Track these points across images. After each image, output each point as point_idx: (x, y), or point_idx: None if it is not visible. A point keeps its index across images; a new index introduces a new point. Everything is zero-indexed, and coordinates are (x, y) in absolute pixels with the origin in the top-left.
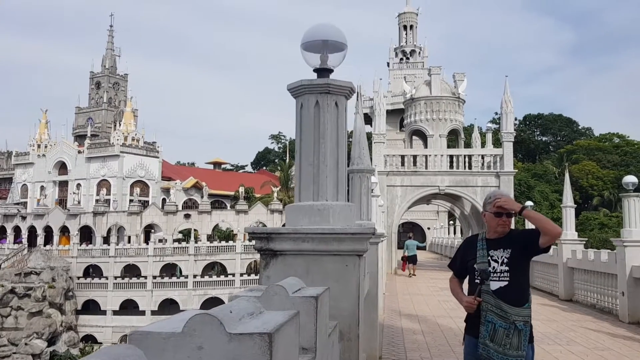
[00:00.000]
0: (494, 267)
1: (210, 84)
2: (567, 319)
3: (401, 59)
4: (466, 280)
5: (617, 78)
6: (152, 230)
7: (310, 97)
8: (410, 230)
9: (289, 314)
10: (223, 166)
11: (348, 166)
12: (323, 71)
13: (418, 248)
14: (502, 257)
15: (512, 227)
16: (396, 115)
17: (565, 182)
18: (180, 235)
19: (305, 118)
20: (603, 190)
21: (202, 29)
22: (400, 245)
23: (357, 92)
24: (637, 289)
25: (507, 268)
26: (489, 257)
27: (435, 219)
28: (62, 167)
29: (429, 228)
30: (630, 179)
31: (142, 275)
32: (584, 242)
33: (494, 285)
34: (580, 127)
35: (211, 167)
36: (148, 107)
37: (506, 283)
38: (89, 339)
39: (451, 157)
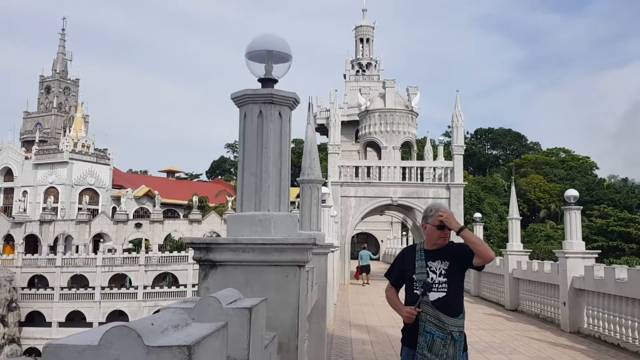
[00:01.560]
0: (432, 278)
1: (166, 91)
2: (511, 328)
3: (357, 71)
4: (402, 290)
5: (564, 95)
6: (102, 240)
7: (253, 106)
8: (365, 241)
9: (215, 325)
10: (177, 175)
11: (298, 176)
12: (267, 81)
13: (371, 259)
14: (440, 268)
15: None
16: (352, 127)
17: (511, 195)
18: (130, 245)
19: (248, 128)
20: (549, 203)
21: (157, 35)
22: (355, 256)
23: (309, 103)
24: (577, 299)
25: (445, 280)
26: (427, 268)
27: (389, 230)
28: (7, 174)
29: (382, 241)
30: (571, 192)
31: (89, 285)
32: (529, 253)
33: (433, 296)
34: (528, 142)
35: (164, 175)
36: (100, 113)
37: (444, 294)
38: (33, 352)
39: (404, 168)
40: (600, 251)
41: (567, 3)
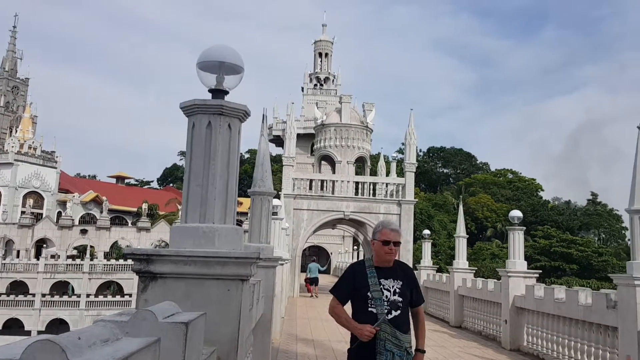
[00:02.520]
0: (386, 296)
1: (119, 95)
2: (455, 345)
3: (315, 85)
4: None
5: (513, 118)
6: (45, 245)
7: (202, 117)
8: (316, 254)
9: (147, 341)
10: (127, 181)
11: (249, 188)
12: (218, 92)
13: (319, 271)
14: (393, 287)
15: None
16: (308, 140)
17: (459, 214)
18: (75, 252)
19: (196, 138)
20: (496, 222)
21: (111, 39)
22: (305, 269)
23: (264, 115)
24: (518, 318)
25: (400, 298)
26: (381, 286)
27: (341, 244)
28: None
29: (331, 253)
30: (515, 213)
31: (30, 292)
32: (474, 271)
33: (390, 314)
34: (478, 162)
35: (114, 181)
36: (49, 114)
37: (399, 312)
38: None
39: (357, 183)
40: (541, 271)
41: (518, 30)
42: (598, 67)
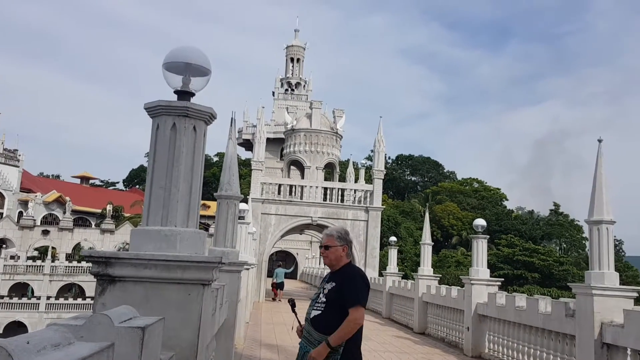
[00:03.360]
0: (319, 297)
1: (87, 94)
2: (417, 351)
3: (286, 89)
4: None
5: (480, 128)
6: (4, 246)
7: (167, 118)
8: (284, 259)
9: (99, 345)
10: (92, 182)
11: (208, 191)
12: (184, 94)
13: (285, 275)
14: (327, 289)
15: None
16: (278, 144)
17: (425, 221)
18: (36, 253)
19: (160, 140)
20: (462, 230)
21: (80, 36)
22: (272, 274)
23: (232, 118)
24: (480, 325)
25: (325, 300)
26: (323, 288)
27: (308, 249)
28: None
29: (297, 254)
30: (479, 222)
31: None
32: (439, 278)
33: (312, 313)
34: (445, 171)
35: (78, 181)
36: (13, 112)
37: (320, 312)
38: None
39: (326, 189)
40: (503, 279)
41: (487, 42)
42: (562, 80)
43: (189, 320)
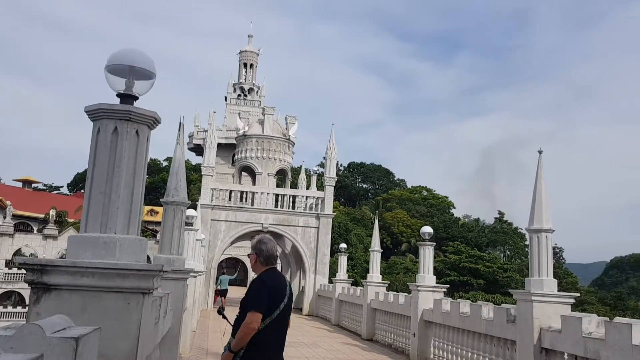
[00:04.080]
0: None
1: (31, 96)
2: (365, 358)
3: (239, 95)
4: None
5: (430, 138)
6: None
7: (108, 122)
8: (233, 266)
9: (28, 357)
10: (34, 185)
11: (158, 197)
12: (127, 97)
13: (230, 281)
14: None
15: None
16: (229, 150)
17: (374, 228)
18: None
19: (101, 144)
20: (411, 237)
21: (27, 38)
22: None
23: (180, 122)
24: (426, 331)
25: (240, 305)
26: None
27: None
28: None
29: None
30: (426, 229)
31: None
32: (387, 285)
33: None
34: (396, 178)
35: (20, 185)
36: None
37: (236, 317)
38: None
39: (277, 196)
40: (449, 285)
41: (438, 54)
42: (507, 92)
43: (128, 330)
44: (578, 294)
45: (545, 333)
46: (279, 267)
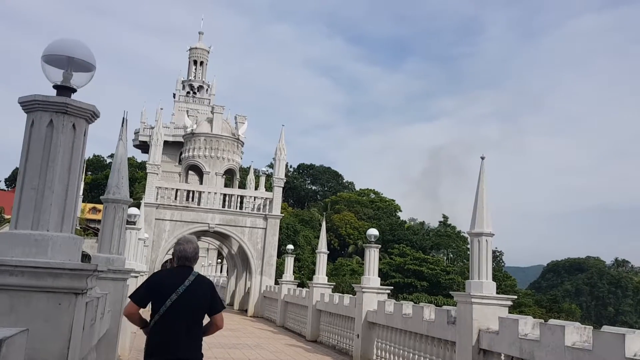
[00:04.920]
0: None
1: None
2: (308, 359)
3: (188, 92)
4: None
5: (378, 141)
6: None
7: (43, 114)
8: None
9: None
10: None
11: (101, 194)
12: (64, 89)
13: None
14: None
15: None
16: (177, 148)
17: (322, 230)
18: None
19: (35, 137)
20: (358, 239)
21: None
22: None
23: (124, 118)
24: (369, 332)
25: None
26: None
27: (205, 257)
28: None
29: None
30: (372, 231)
31: None
32: (333, 286)
33: None
34: (344, 181)
35: None
36: None
37: None
38: None
39: (225, 195)
40: (393, 287)
41: (386, 58)
42: (454, 99)
43: (59, 332)
44: (515, 297)
45: (484, 334)
46: (225, 268)
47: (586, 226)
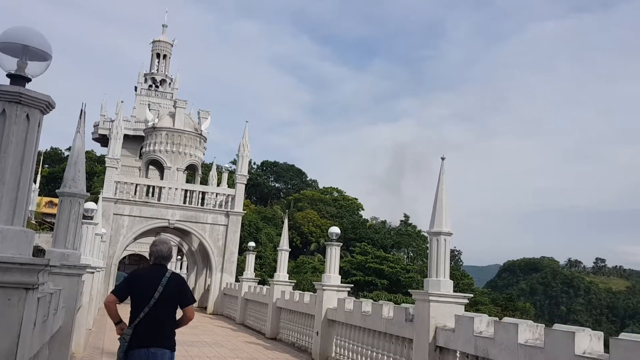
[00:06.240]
0: None
1: None
2: (267, 357)
3: (150, 86)
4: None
5: (342, 140)
6: None
7: None
8: (137, 263)
9: None
10: None
11: (59, 188)
12: (18, 78)
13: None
14: None
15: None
16: (138, 142)
17: (284, 228)
18: None
19: None
20: (320, 237)
21: None
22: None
23: (82, 110)
24: (329, 329)
25: None
26: None
27: None
28: None
29: None
30: (334, 229)
31: None
32: (294, 284)
33: None
34: (308, 179)
35: None
36: None
37: None
38: None
39: (186, 191)
40: (353, 285)
41: (353, 58)
42: (417, 100)
43: (8, 328)
44: (472, 295)
45: (440, 332)
46: (184, 266)
47: (543, 227)
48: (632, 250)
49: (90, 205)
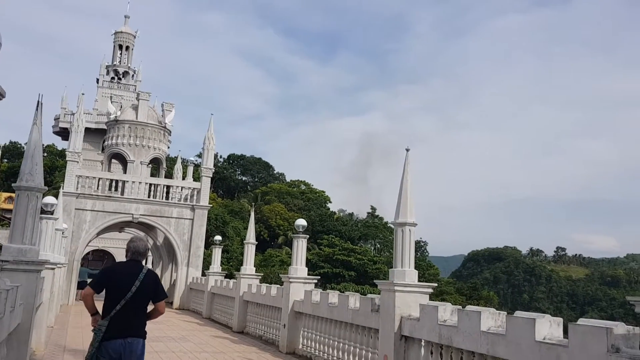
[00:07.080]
0: None
1: None
2: (234, 350)
3: (112, 78)
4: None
5: (309, 133)
6: None
7: None
8: (101, 259)
9: None
10: None
11: (14, 182)
12: None
13: (89, 276)
14: None
15: None
16: (100, 135)
17: (250, 221)
18: None
19: None
20: (288, 230)
21: None
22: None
23: (38, 101)
24: (296, 322)
25: None
26: None
27: None
28: None
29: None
30: (300, 222)
31: None
32: (260, 277)
33: None
34: (275, 172)
35: None
36: None
37: None
38: None
39: (150, 185)
40: (320, 277)
41: (319, 52)
42: (382, 93)
43: None
44: (436, 284)
45: (406, 321)
46: (150, 261)
47: (506, 218)
48: (591, 239)
49: (49, 199)
